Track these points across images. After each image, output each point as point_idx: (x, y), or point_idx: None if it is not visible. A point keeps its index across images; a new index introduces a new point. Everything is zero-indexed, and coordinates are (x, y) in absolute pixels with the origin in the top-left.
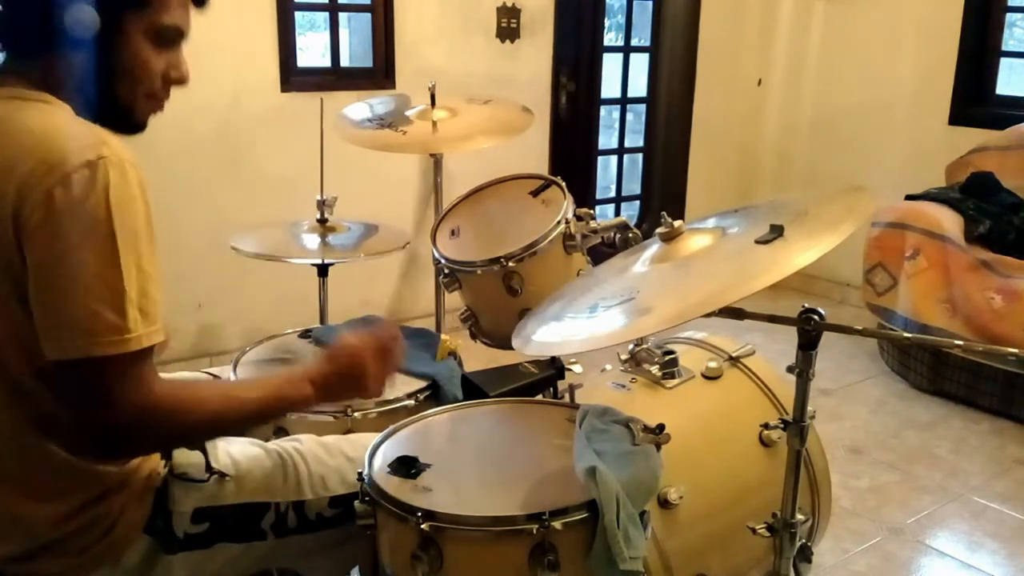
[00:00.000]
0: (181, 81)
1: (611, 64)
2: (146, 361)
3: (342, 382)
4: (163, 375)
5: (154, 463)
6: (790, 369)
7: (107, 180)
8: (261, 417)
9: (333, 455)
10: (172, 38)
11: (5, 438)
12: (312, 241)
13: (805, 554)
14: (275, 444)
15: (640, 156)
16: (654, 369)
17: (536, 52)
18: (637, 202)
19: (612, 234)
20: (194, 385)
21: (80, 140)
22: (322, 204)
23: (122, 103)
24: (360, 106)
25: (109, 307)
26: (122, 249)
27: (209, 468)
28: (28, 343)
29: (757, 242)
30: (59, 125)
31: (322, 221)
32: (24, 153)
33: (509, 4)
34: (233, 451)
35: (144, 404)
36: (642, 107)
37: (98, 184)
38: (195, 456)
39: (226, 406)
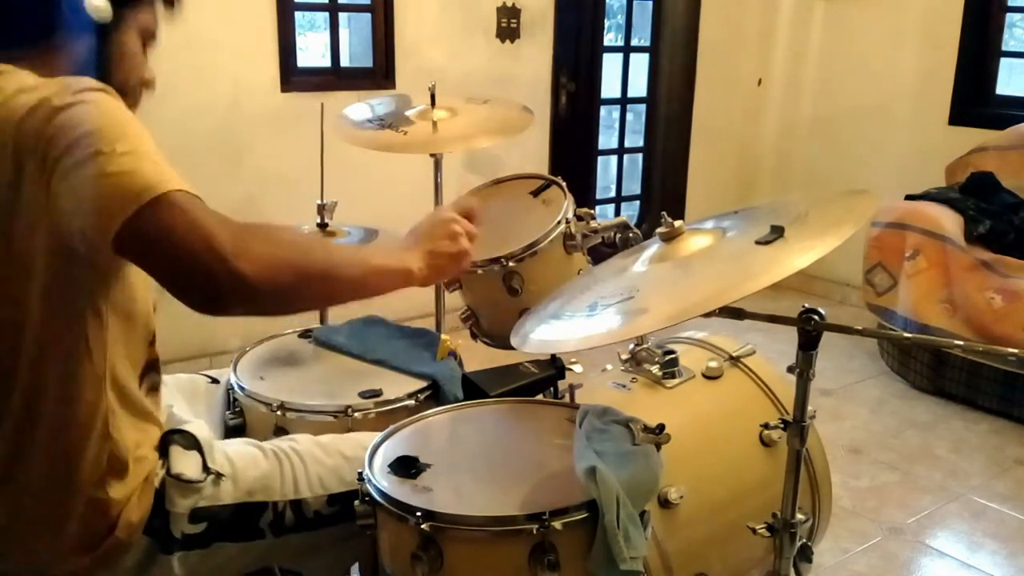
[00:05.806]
0: (151, 84)
1: (611, 64)
2: (199, 206)
3: (444, 259)
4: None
5: (153, 464)
6: (790, 369)
7: (104, 97)
8: (363, 283)
9: (330, 454)
10: (151, 42)
11: (3, 441)
12: None
13: (805, 554)
14: (271, 444)
15: (640, 156)
16: (654, 369)
17: (536, 52)
18: (637, 202)
19: (612, 234)
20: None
21: (70, 79)
22: (322, 209)
23: (116, 88)
24: (361, 106)
25: (129, 173)
26: (132, 134)
27: (206, 468)
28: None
29: (757, 243)
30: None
31: (322, 226)
32: (20, 101)
33: (509, 4)
34: (229, 452)
35: (219, 242)
36: (642, 107)
37: (96, 99)
38: (191, 457)
39: (326, 255)
